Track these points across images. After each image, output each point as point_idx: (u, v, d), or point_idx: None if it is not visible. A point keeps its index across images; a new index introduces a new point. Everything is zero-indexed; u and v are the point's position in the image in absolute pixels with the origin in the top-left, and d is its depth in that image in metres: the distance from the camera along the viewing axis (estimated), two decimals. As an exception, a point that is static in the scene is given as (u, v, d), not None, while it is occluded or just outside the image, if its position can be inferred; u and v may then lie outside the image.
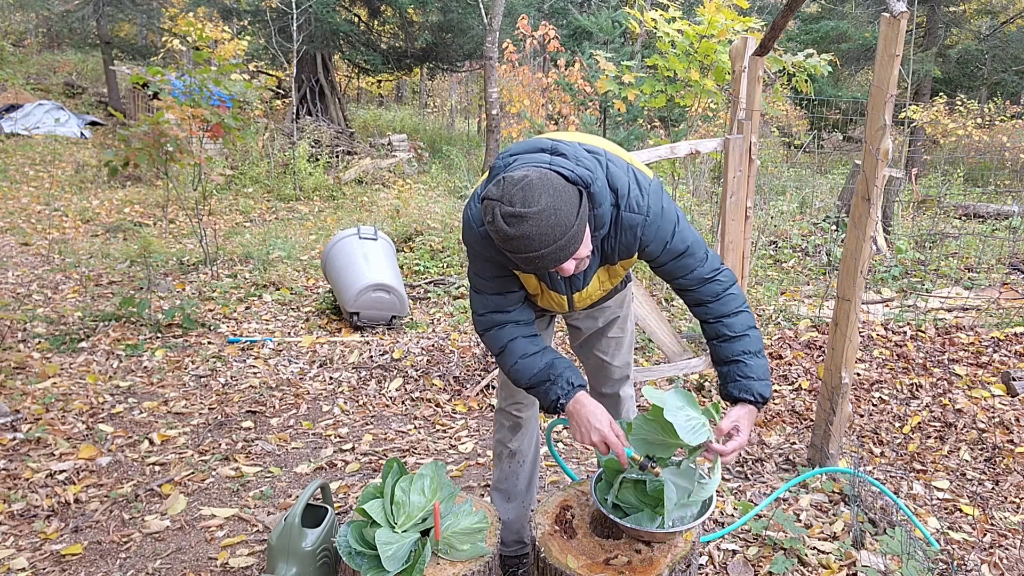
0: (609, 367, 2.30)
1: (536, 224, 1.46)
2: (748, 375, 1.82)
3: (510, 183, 1.48)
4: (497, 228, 1.48)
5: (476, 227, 1.74)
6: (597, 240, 1.70)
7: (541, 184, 1.47)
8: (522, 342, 1.86)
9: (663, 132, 6.30)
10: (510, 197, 1.46)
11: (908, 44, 12.42)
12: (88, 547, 2.53)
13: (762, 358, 1.84)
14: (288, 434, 3.47)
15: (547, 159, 1.59)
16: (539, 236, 1.47)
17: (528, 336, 1.87)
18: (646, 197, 1.70)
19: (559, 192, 1.49)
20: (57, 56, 20.52)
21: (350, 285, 4.90)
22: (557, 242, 1.49)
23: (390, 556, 1.69)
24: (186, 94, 5.90)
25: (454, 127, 20.24)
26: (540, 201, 1.45)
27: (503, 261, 1.74)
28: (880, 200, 2.72)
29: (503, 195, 1.47)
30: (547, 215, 1.46)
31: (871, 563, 2.32)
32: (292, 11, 11.08)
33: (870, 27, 15.81)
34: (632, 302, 2.30)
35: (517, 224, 1.46)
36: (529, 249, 1.49)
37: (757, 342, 1.85)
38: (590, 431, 1.77)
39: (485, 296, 1.86)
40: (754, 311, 5.32)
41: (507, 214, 1.46)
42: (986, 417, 3.49)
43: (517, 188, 1.46)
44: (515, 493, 2.31)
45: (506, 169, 1.62)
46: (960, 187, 10.60)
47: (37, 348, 4.34)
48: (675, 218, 1.76)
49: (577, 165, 1.59)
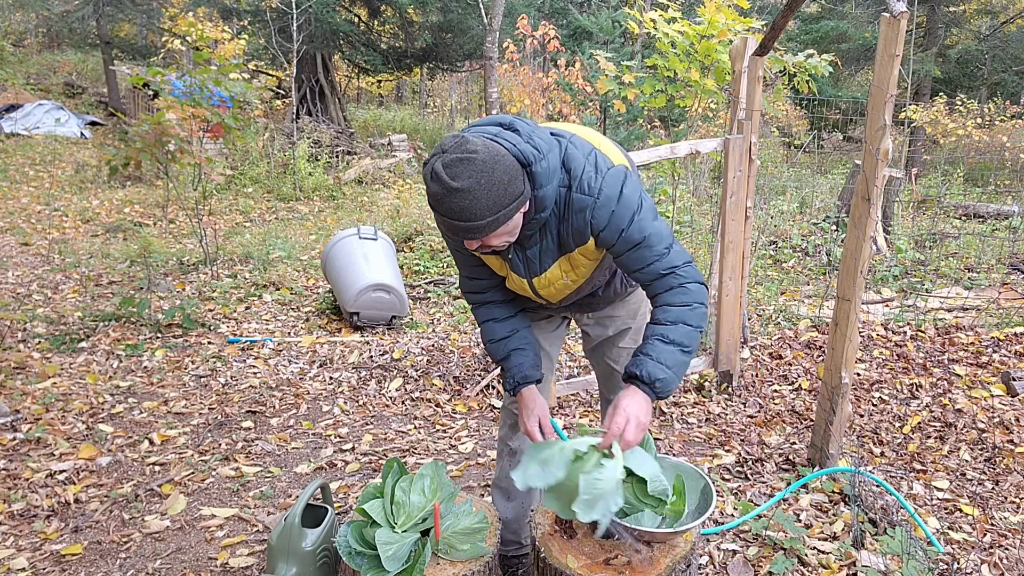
0: (618, 375, 2.27)
1: (451, 196, 1.47)
2: (649, 353, 1.71)
3: (459, 147, 1.47)
4: (425, 174, 1.51)
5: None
6: (540, 222, 1.66)
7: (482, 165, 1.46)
8: (492, 325, 1.95)
9: (663, 132, 6.30)
10: (448, 159, 1.47)
11: (908, 44, 12.42)
12: (88, 547, 2.53)
13: (678, 351, 1.72)
14: (288, 434, 3.47)
15: (495, 131, 1.58)
16: (450, 206, 1.48)
17: (502, 319, 1.95)
18: (599, 179, 1.64)
19: (495, 178, 1.48)
20: (57, 56, 20.52)
21: (350, 285, 4.90)
22: (469, 221, 1.50)
23: (390, 556, 1.69)
24: (186, 94, 5.90)
25: (454, 127, 20.22)
26: (466, 180, 1.45)
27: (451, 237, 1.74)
28: (880, 200, 2.72)
29: (446, 151, 1.48)
30: (464, 195, 1.46)
31: (871, 563, 2.32)
32: (292, 11, 11.08)
33: (870, 27, 15.81)
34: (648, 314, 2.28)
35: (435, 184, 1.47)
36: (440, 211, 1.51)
37: (684, 336, 1.72)
38: (527, 418, 1.88)
39: (463, 277, 1.97)
40: (754, 311, 5.32)
41: (435, 171, 1.47)
42: (986, 417, 3.49)
43: (458, 157, 1.46)
44: (515, 493, 2.31)
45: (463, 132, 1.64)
46: (960, 187, 10.60)
47: (37, 348, 4.34)
48: (635, 206, 1.67)
49: (525, 142, 1.57)
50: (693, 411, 3.76)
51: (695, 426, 3.58)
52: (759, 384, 4.02)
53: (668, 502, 1.84)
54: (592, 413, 3.75)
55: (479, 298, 1.96)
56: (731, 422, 3.60)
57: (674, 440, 3.42)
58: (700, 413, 3.73)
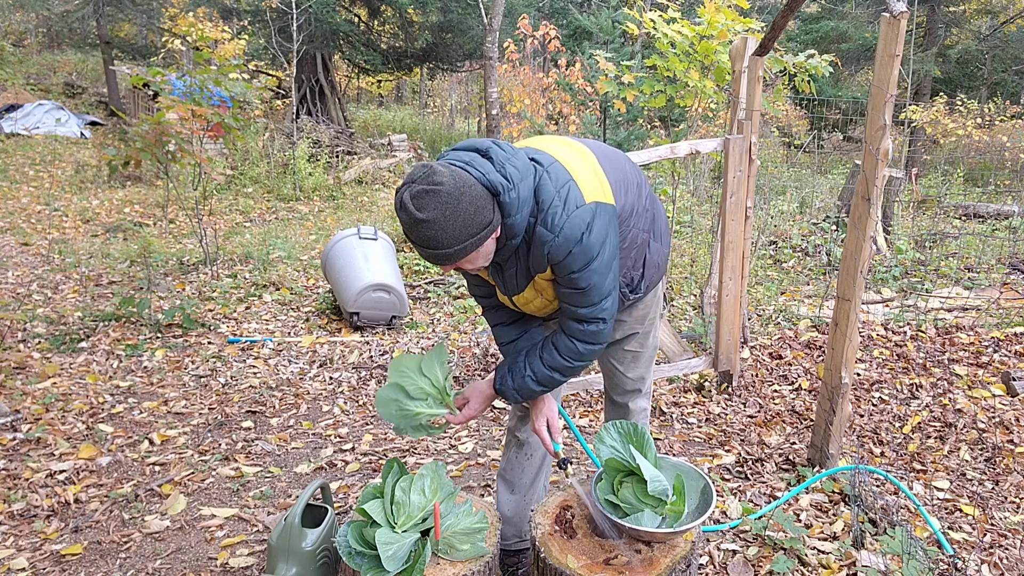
0: (621, 377, 2.31)
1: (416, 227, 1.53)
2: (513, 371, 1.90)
3: (426, 178, 1.52)
4: (395, 201, 1.57)
5: None
6: (512, 248, 1.70)
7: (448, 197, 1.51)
8: (499, 329, 2.04)
9: (663, 132, 6.30)
10: (416, 190, 1.52)
11: (908, 44, 12.42)
12: (88, 547, 2.53)
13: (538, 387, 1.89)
14: (288, 434, 3.47)
15: (469, 158, 1.61)
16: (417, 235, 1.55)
17: (509, 323, 2.02)
18: (564, 218, 1.64)
19: (460, 210, 1.52)
20: (57, 56, 20.52)
21: (350, 285, 4.90)
22: (432, 249, 1.56)
23: (390, 556, 1.69)
24: (186, 94, 5.90)
25: (454, 127, 20.23)
26: (431, 212, 1.51)
27: None
28: (880, 200, 2.72)
29: (415, 181, 1.53)
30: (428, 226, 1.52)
31: (871, 563, 2.32)
32: (292, 11, 11.08)
33: (870, 27, 15.81)
34: (658, 320, 2.29)
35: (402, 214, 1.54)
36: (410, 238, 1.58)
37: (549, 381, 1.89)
38: (536, 419, 1.97)
39: (468, 283, 2.06)
40: (754, 311, 5.32)
41: (402, 201, 1.53)
42: (986, 417, 3.49)
43: (424, 188, 1.51)
44: (519, 485, 2.31)
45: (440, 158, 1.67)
46: (960, 187, 10.60)
47: (37, 348, 4.34)
48: (593, 254, 1.68)
49: (497, 171, 1.59)
50: (693, 411, 3.76)
51: (695, 426, 3.58)
52: (759, 384, 4.02)
53: (668, 502, 1.85)
54: (592, 413, 3.75)
55: (486, 302, 2.04)
56: (731, 422, 3.60)
57: (674, 440, 3.42)
58: (700, 413, 3.73)
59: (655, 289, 2.17)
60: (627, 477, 1.93)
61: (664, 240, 2.09)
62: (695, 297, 5.70)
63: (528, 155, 1.70)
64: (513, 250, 1.72)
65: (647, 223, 1.98)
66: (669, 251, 2.16)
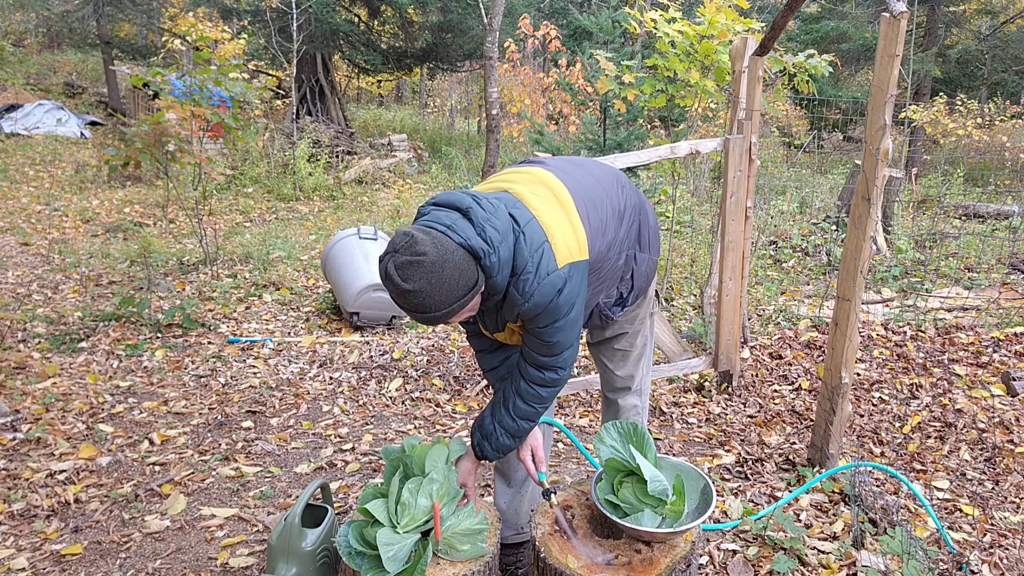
0: (611, 375, 2.35)
1: (403, 297, 1.56)
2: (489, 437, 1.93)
3: (409, 248, 1.53)
4: (379, 270, 1.59)
5: None
6: (492, 302, 1.74)
7: (431, 267, 1.52)
8: (483, 356, 2.06)
9: (663, 132, 6.30)
10: (399, 260, 1.53)
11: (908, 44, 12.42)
12: (88, 547, 2.53)
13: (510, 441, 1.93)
14: (288, 434, 3.47)
15: (451, 219, 1.61)
16: (403, 303, 1.58)
17: (488, 351, 2.05)
18: (535, 286, 1.67)
19: (444, 278, 1.54)
20: (57, 56, 20.52)
21: (350, 285, 4.90)
22: (417, 313, 1.59)
23: (391, 557, 1.69)
24: (186, 94, 5.90)
25: (454, 127, 20.24)
26: (417, 282, 1.52)
27: None
28: (880, 200, 2.72)
29: (398, 251, 1.54)
30: (414, 296, 1.54)
31: (871, 563, 2.32)
32: (292, 11, 11.08)
33: (870, 27, 15.81)
34: (649, 319, 2.30)
35: (388, 283, 1.56)
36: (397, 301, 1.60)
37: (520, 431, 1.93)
38: (520, 449, 2.02)
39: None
40: (754, 311, 5.32)
41: (387, 271, 1.55)
42: (986, 417, 3.49)
43: (408, 259, 1.52)
44: (514, 479, 2.32)
45: (420, 219, 1.67)
46: (960, 187, 10.60)
47: (37, 348, 4.34)
48: (560, 315, 1.74)
49: (478, 235, 1.60)
50: (693, 411, 3.76)
51: (695, 426, 3.58)
52: (759, 384, 4.02)
53: (668, 502, 1.85)
54: (592, 413, 3.75)
55: (471, 329, 2.05)
56: (731, 422, 3.60)
57: (674, 440, 3.42)
58: (700, 413, 3.73)
59: (644, 293, 2.19)
60: (627, 477, 1.93)
61: (652, 248, 2.10)
62: (695, 297, 5.70)
63: (508, 209, 1.70)
64: (494, 302, 1.76)
65: (631, 241, 2.00)
66: (658, 256, 2.17)
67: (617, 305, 2.08)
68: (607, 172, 2.04)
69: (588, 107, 7.02)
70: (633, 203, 2.01)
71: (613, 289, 2.04)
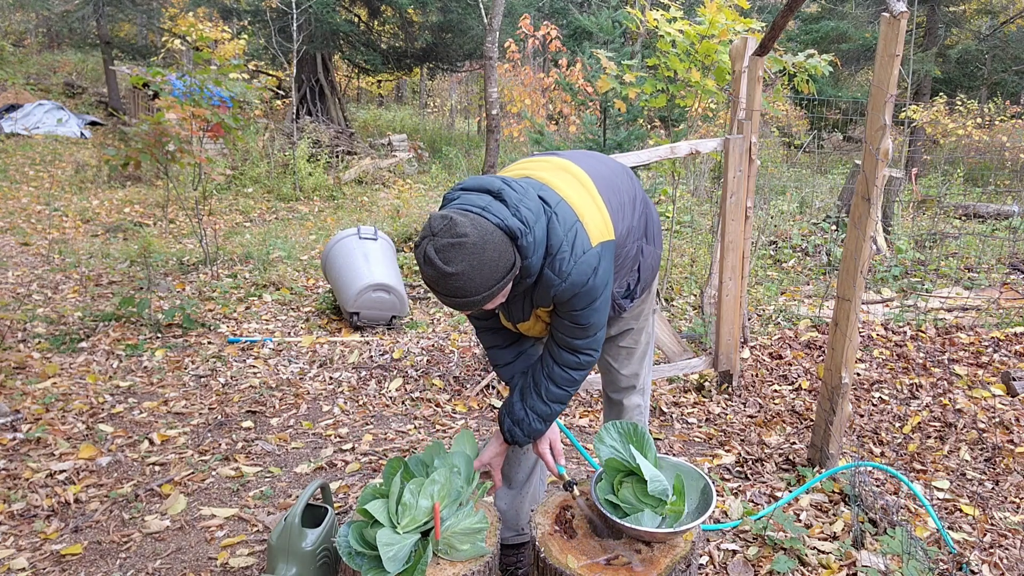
0: (616, 374, 2.34)
1: (444, 281, 1.52)
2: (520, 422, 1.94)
3: (449, 230, 1.50)
4: (417, 257, 1.55)
5: None
6: (522, 287, 1.72)
7: (472, 248, 1.50)
8: (497, 352, 2.03)
9: (663, 132, 6.30)
10: (439, 244, 1.51)
11: (908, 44, 12.42)
12: (88, 547, 2.53)
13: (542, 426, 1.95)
14: (288, 434, 3.47)
15: (485, 202, 1.59)
16: (443, 289, 1.54)
17: (504, 345, 2.02)
18: (572, 264, 1.67)
19: (486, 259, 1.52)
20: (57, 56, 20.52)
21: (350, 285, 4.90)
22: (458, 299, 1.55)
23: (391, 557, 1.69)
24: (186, 94, 5.90)
25: (454, 127, 20.24)
26: (459, 264, 1.50)
27: None
28: (880, 200, 2.72)
29: (437, 234, 1.51)
30: (457, 279, 1.51)
31: (871, 563, 2.32)
32: (292, 11, 11.08)
33: (870, 27, 15.81)
34: (652, 316, 2.31)
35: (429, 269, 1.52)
36: (432, 289, 1.57)
37: (552, 414, 1.95)
38: (539, 443, 2.01)
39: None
40: (754, 311, 5.32)
41: (427, 256, 1.52)
42: (986, 417, 3.49)
43: (449, 242, 1.50)
44: (515, 480, 2.31)
45: (451, 204, 1.64)
46: (960, 187, 10.60)
47: (37, 348, 4.34)
48: (596, 296, 1.74)
49: (513, 215, 1.59)
50: (693, 411, 3.76)
51: (695, 426, 3.58)
52: (759, 384, 4.02)
53: (668, 502, 1.85)
54: (592, 413, 3.75)
55: (483, 324, 2.03)
56: (731, 422, 3.60)
57: (674, 440, 3.42)
58: (700, 413, 3.73)
59: (649, 288, 2.20)
60: (627, 477, 1.93)
61: (657, 242, 2.12)
62: (695, 297, 5.70)
63: (536, 192, 1.70)
64: (524, 287, 1.74)
65: (640, 232, 2.02)
66: (662, 250, 2.19)
67: (626, 297, 2.09)
68: (617, 163, 2.07)
69: (588, 107, 7.02)
70: (641, 195, 2.04)
71: (623, 279, 2.05)
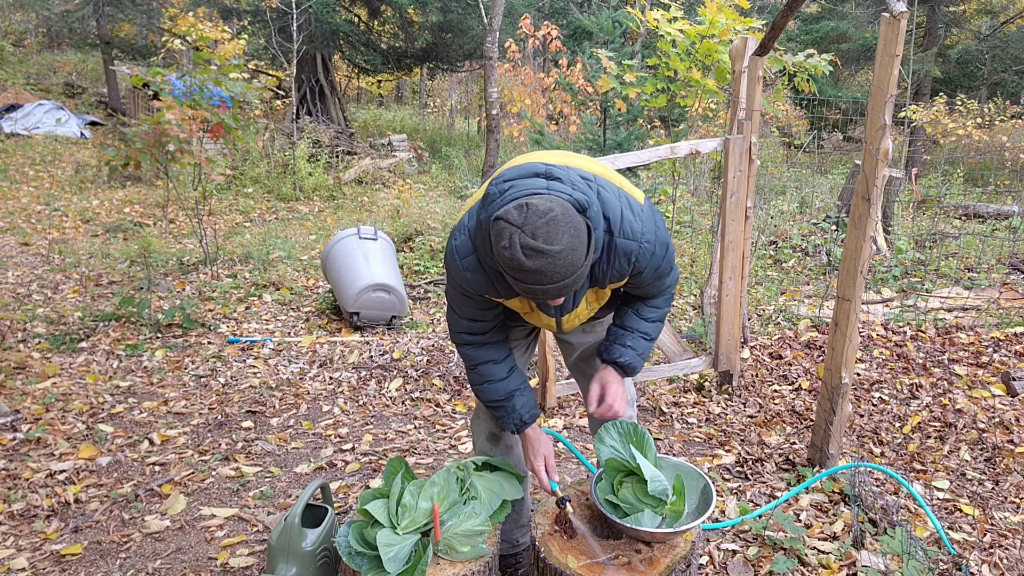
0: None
1: (554, 261, 1.44)
2: (636, 348, 1.93)
3: (534, 213, 1.44)
4: (513, 256, 1.45)
5: (459, 259, 1.71)
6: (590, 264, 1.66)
7: (564, 221, 1.45)
8: (491, 367, 1.93)
9: (663, 132, 6.30)
10: (533, 229, 1.43)
11: (908, 44, 12.42)
12: (88, 547, 2.53)
13: (651, 342, 1.96)
14: (288, 434, 3.47)
15: (544, 184, 1.55)
16: (553, 272, 1.46)
17: (500, 360, 1.94)
18: (640, 224, 1.67)
19: (577, 229, 1.47)
20: (57, 56, 20.51)
21: (350, 285, 4.90)
22: (566, 279, 1.48)
23: (391, 558, 1.69)
24: (186, 94, 5.90)
25: (454, 127, 20.23)
26: (562, 239, 1.44)
27: (484, 293, 1.74)
28: (880, 200, 2.72)
29: (525, 223, 1.44)
30: (565, 255, 1.45)
31: (871, 563, 2.32)
32: (292, 11, 11.09)
33: (870, 27, 15.81)
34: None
35: (536, 258, 1.44)
36: (538, 282, 1.47)
37: (657, 331, 1.96)
38: (534, 458, 1.96)
39: (459, 319, 1.89)
40: (754, 311, 5.32)
41: (527, 246, 1.43)
42: (986, 417, 3.49)
43: (542, 221, 1.43)
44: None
45: (503, 196, 1.56)
46: (960, 187, 10.60)
47: (37, 348, 4.34)
48: (667, 240, 1.75)
49: (574, 189, 1.57)
50: (693, 411, 3.76)
51: (695, 426, 3.58)
52: (759, 384, 4.02)
53: (668, 502, 1.85)
54: (592, 413, 3.74)
55: (477, 339, 1.91)
56: (731, 422, 3.60)
57: (674, 440, 3.42)
58: (700, 413, 3.73)
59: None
60: (627, 477, 1.93)
61: None
62: (695, 297, 5.70)
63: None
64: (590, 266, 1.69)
65: None
66: None
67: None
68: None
69: (588, 107, 7.02)
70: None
71: None
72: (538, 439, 1.96)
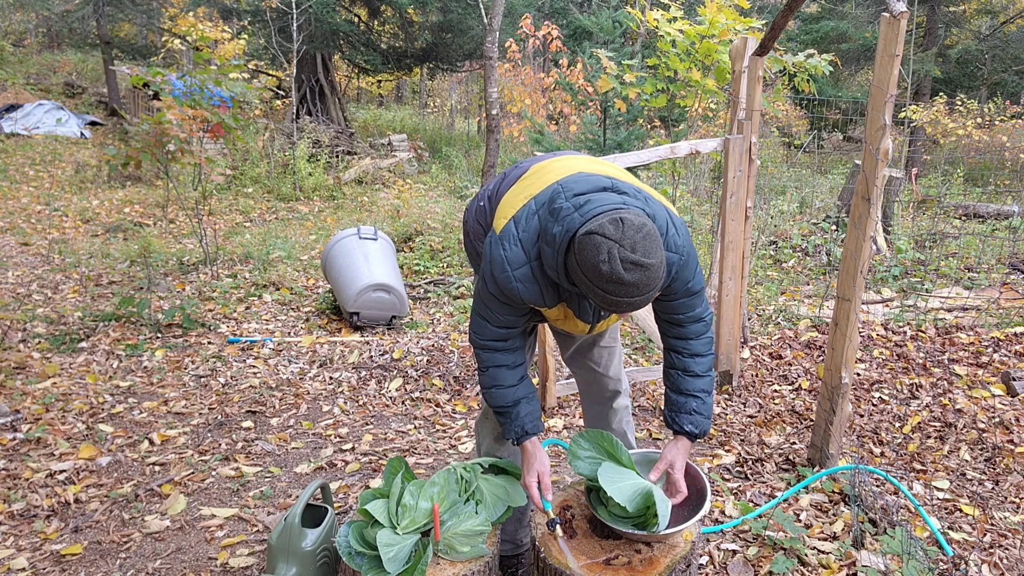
0: (603, 378, 2.29)
1: (650, 274, 1.49)
2: (702, 412, 1.92)
3: (631, 228, 1.49)
4: (612, 271, 1.48)
5: (512, 270, 1.70)
6: None
7: (656, 235, 1.52)
8: (504, 372, 1.93)
9: (663, 132, 6.30)
10: (632, 243, 1.47)
11: (908, 44, 12.42)
12: (88, 547, 2.53)
13: (711, 396, 1.95)
14: (288, 434, 3.47)
15: (619, 199, 1.60)
16: (645, 285, 1.50)
17: (513, 366, 1.94)
18: (680, 237, 1.72)
19: (657, 231, 1.53)
20: (57, 56, 20.51)
21: (350, 285, 4.90)
22: (653, 291, 1.53)
23: (391, 558, 1.69)
24: (186, 94, 5.90)
25: (454, 127, 20.23)
26: (657, 253, 1.50)
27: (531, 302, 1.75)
28: (880, 200, 2.72)
29: (623, 238, 1.48)
30: (660, 267, 1.51)
31: (871, 563, 2.32)
32: (292, 11, 11.08)
33: (870, 27, 15.81)
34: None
35: (635, 271, 1.48)
36: (631, 295, 1.51)
37: (713, 383, 1.96)
38: (527, 475, 1.94)
39: (488, 326, 1.88)
40: (754, 311, 5.32)
41: (628, 260, 1.47)
42: (986, 417, 3.49)
43: (640, 236, 1.48)
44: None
45: (580, 210, 1.58)
46: (960, 187, 10.60)
47: (37, 348, 4.34)
48: (696, 257, 1.80)
49: (645, 204, 1.63)
50: (693, 411, 3.75)
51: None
52: (759, 384, 4.02)
53: (647, 516, 1.85)
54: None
55: (498, 344, 1.91)
56: (731, 422, 3.60)
57: (674, 440, 3.42)
58: (700, 413, 3.73)
59: None
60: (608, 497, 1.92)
61: None
62: (695, 297, 5.68)
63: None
64: None
65: None
66: None
67: None
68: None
69: (588, 107, 7.02)
70: None
71: None
72: (535, 455, 1.93)
